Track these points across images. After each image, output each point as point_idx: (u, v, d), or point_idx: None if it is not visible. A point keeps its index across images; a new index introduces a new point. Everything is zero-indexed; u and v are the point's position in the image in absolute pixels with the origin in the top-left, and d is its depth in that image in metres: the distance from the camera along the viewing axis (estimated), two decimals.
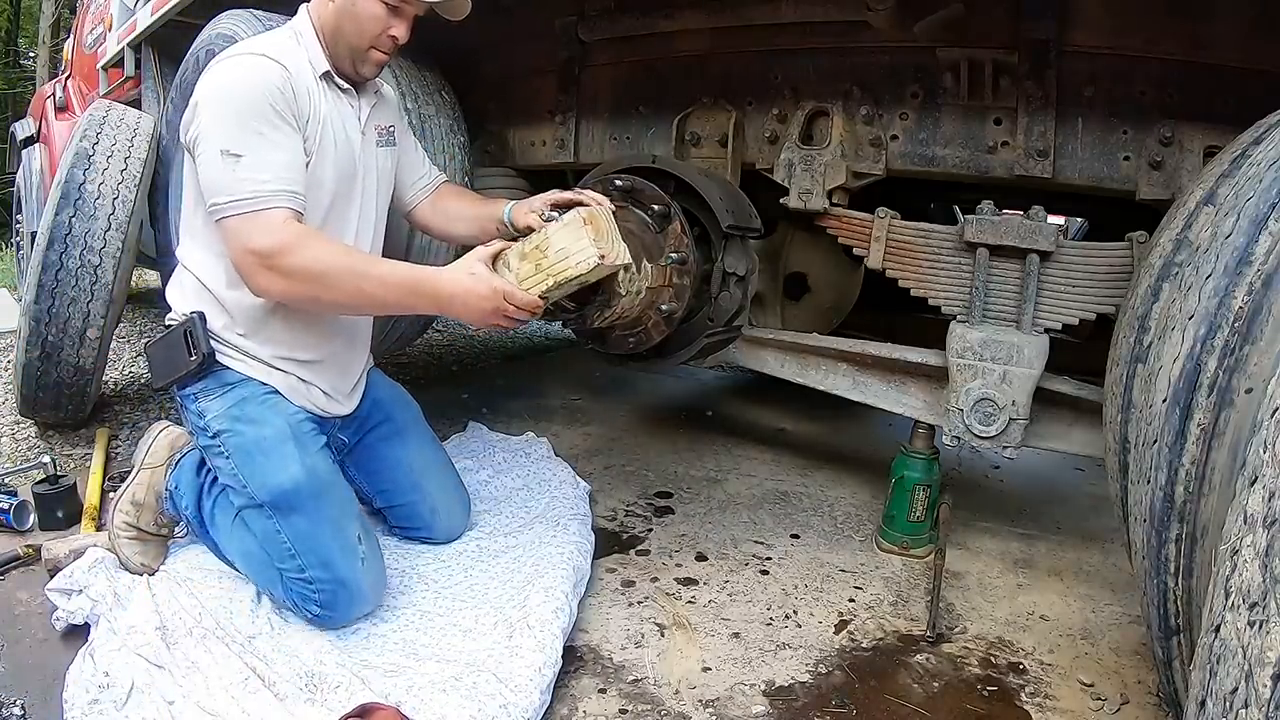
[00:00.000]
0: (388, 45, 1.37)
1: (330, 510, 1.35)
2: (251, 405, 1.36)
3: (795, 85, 1.83)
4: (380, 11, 1.32)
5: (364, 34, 1.34)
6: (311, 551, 1.30)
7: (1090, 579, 1.73)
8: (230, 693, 1.14)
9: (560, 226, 1.28)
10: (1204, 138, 1.43)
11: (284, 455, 1.34)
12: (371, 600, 1.36)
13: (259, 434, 1.35)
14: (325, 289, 1.25)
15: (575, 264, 1.25)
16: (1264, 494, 0.58)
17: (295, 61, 1.30)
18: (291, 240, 1.22)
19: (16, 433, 2.25)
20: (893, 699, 1.28)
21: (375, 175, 1.48)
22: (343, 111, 1.39)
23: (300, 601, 1.31)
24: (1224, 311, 0.81)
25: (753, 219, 1.79)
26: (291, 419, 1.38)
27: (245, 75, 1.24)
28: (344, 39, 1.35)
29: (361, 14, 1.32)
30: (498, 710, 1.11)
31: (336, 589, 1.29)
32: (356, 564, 1.32)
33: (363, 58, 1.37)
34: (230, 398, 1.36)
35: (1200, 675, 0.62)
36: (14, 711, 1.10)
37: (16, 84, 13.01)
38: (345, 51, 1.36)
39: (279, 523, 1.32)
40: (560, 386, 3.06)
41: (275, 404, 1.39)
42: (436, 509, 1.62)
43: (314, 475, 1.35)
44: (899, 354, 1.74)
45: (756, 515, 1.96)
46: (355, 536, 1.35)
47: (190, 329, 1.35)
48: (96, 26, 3.66)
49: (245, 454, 1.34)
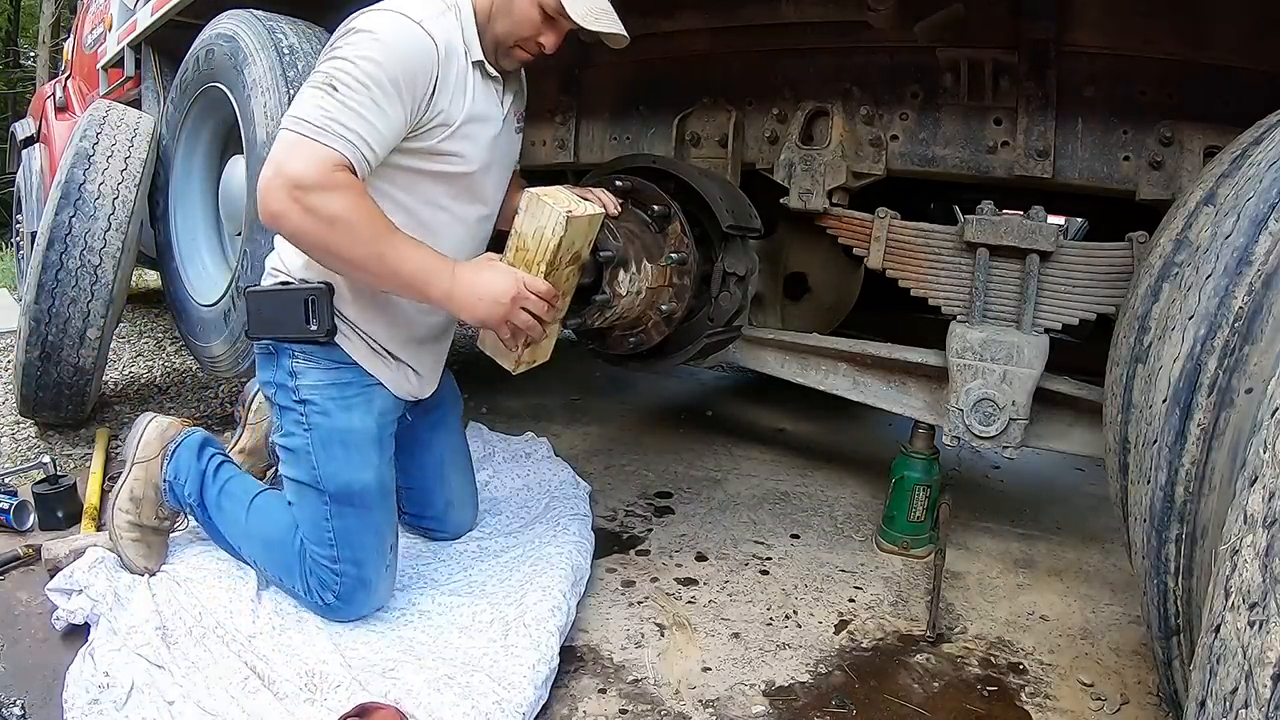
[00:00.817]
0: (534, 49, 1.33)
1: (379, 517, 1.36)
2: (352, 391, 1.35)
3: (795, 85, 1.83)
4: (536, 16, 1.28)
5: (513, 33, 1.30)
6: (349, 547, 1.32)
7: (1090, 579, 1.73)
8: (230, 693, 1.14)
9: (522, 214, 1.27)
10: (1204, 138, 1.43)
11: (364, 457, 1.34)
12: (382, 602, 1.39)
13: (348, 424, 1.34)
14: (342, 240, 1.16)
15: (550, 231, 1.25)
16: (1264, 494, 0.58)
17: (449, 44, 1.23)
18: (332, 181, 1.13)
19: (16, 433, 2.25)
20: (893, 699, 1.28)
21: (507, 162, 1.45)
22: (489, 100, 1.34)
23: (317, 588, 1.32)
24: (1224, 311, 0.81)
25: (753, 219, 1.79)
26: (381, 418, 1.38)
27: (397, 37, 1.16)
28: (493, 30, 1.30)
29: (517, 13, 1.28)
30: (491, 707, 1.11)
31: (358, 587, 1.32)
32: (383, 570, 1.36)
33: (506, 53, 1.33)
34: (334, 375, 1.34)
35: (1200, 675, 0.62)
36: (14, 711, 1.10)
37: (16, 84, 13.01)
38: (491, 42, 1.32)
39: (331, 511, 1.33)
40: (560, 386, 3.06)
41: (373, 398, 1.37)
42: (452, 502, 1.64)
43: (382, 484, 1.37)
44: (899, 354, 1.74)
45: (756, 515, 1.96)
46: (389, 546, 1.38)
47: (315, 298, 1.30)
48: (96, 26, 3.66)
49: (326, 437, 1.33)
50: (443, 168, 1.29)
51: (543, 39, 1.31)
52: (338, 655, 1.22)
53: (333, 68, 1.15)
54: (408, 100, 1.18)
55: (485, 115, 1.33)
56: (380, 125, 1.16)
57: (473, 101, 1.29)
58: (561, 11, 1.26)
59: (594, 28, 1.28)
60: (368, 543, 1.33)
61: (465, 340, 3.95)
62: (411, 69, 1.17)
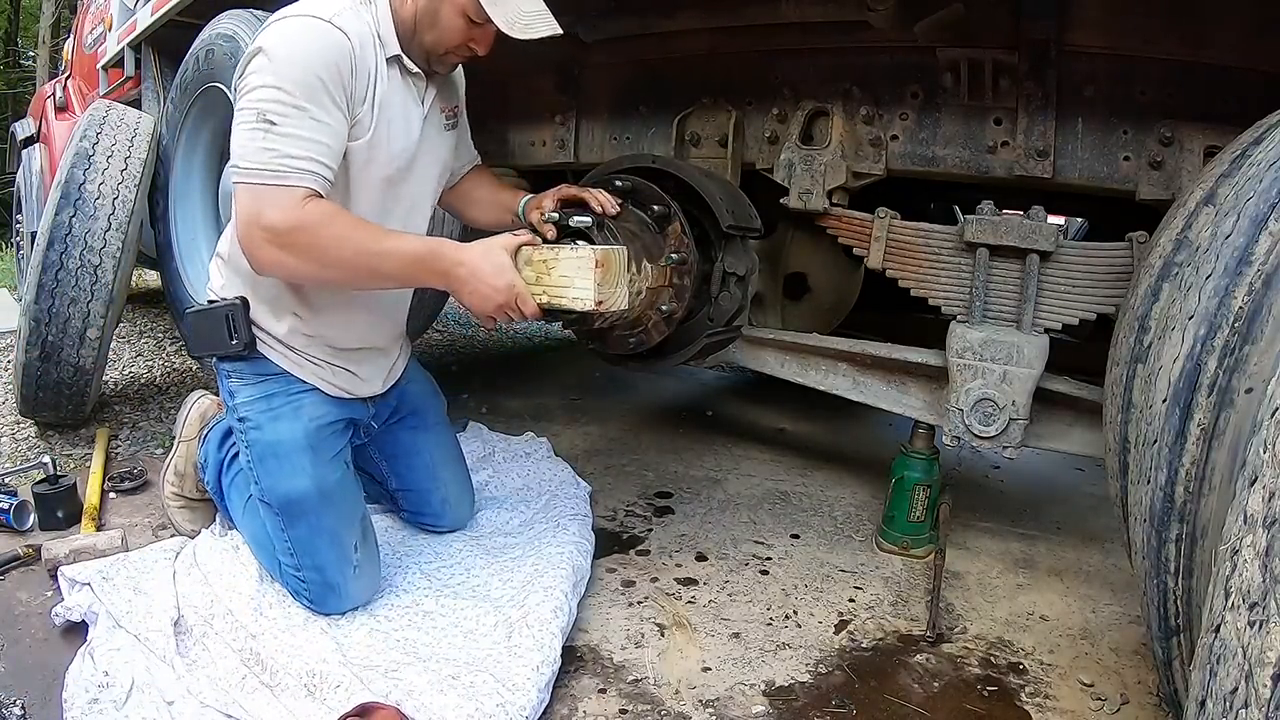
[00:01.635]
0: (466, 55, 1.34)
1: (330, 521, 1.36)
2: (279, 401, 1.37)
3: (795, 85, 1.83)
4: (462, 25, 1.28)
5: (441, 43, 1.30)
6: (308, 555, 1.34)
7: (1090, 579, 1.73)
8: (230, 693, 1.14)
9: (573, 255, 1.26)
10: (1204, 138, 1.43)
11: (296, 465, 1.35)
12: (359, 602, 1.39)
13: (277, 436, 1.36)
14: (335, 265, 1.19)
15: (571, 297, 1.26)
16: (1264, 494, 0.58)
17: (361, 36, 1.22)
18: (308, 220, 1.16)
19: (16, 433, 2.24)
20: (893, 699, 1.28)
21: (433, 158, 1.44)
22: (406, 96, 1.33)
23: (293, 593, 1.37)
24: (1224, 311, 0.80)
25: (753, 219, 1.79)
26: (313, 424, 1.38)
27: (306, 41, 1.16)
28: (421, 40, 1.30)
29: (443, 23, 1.28)
30: (494, 709, 1.11)
31: (325, 591, 1.34)
32: (349, 571, 1.36)
33: (439, 60, 1.34)
34: (261, 388, 1.37)
35: (1200, 675, 0.62)
36: (14, 711, 1.10)
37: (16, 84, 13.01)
38: (421, 51, 1.32)
39: (282, 522, 1.36)
40: (560, 386, 3.06)
41: (303, 405, 1.39)
42: (448, 500, 1.67)
43: (321, 488, 1.36)
44: (899, 354, 1.74)
45: (756, 515, 1.96)
46: (352, 546, 1.37)
47: (231, 313, 1.34)
48: (96, 26, 3.66)
49: (261, 452, 1.36)
50: (356, 163, 1.28)
51: (473, 44, 1.31)
52: (339, 655, 1.22)
53: (260, 100, 1.15)
54: (340, 98, 1.19)
55: (401, 112, 1.32)
56: (325, 138, 1.18)
57: (386, 98, 1.28)
58: (487, 20, 1.25)
59: (521, 36, 1.25)
60: (323, 548, 1.33)
61: (466, 340, 3.95)
62: (331, 68, 1.17)
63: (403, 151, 1.34)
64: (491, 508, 1.80)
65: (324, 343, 1.40)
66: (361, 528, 1.42)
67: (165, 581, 1.35)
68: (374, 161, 1.30)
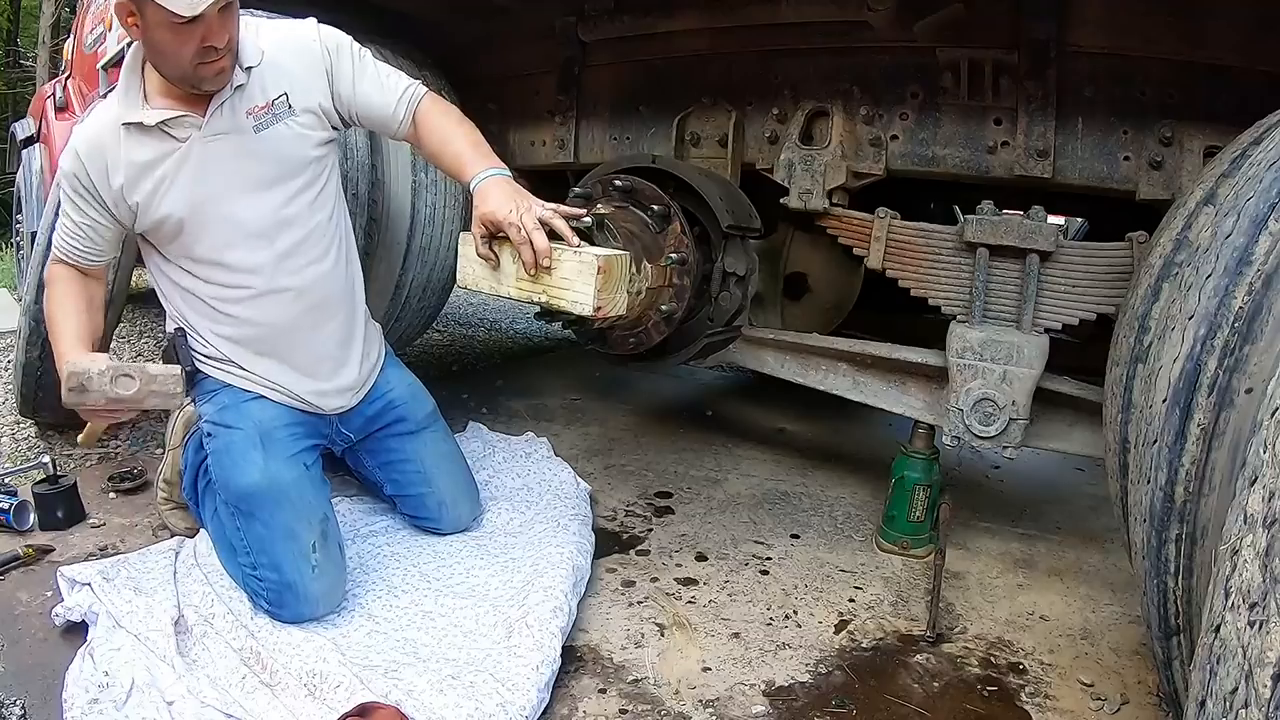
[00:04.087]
0: (213, 55, 1.26)
1: (284, 518, 1.36)
2: (231, 410, 1.45)
3: (795, 85, 1.83)
4: (174, 38, 1.21)
5: (180, 61, 1.25)
6: (264, 553, 1.34)
7: (1090, 579, 1.73)
8: (230, 693, 1.14)
9: (575, 259, 1.25)
10: (1204, 138, 1.43)
11: (247, 460, 1.39)
12: (322, 606, 1.35)
13: (230, 437, 1.42)
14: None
15: (570, 301, 1.25)
16: (1264, 494, 0.58)
17: (94, 131, 1.34)
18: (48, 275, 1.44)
19: (16, 433, 2.25)
20: (893, 699, 1.28)
21: (247, 172, 1.38)
22: (163, 146, 1.33)
23: (253, 595, 1.36)
24: (1224, 311, 0.80)
25: (753, 219, 1.79)
26: (266, 423, 1.44)
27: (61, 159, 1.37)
28: (167, 71, 1.29)
29: (162, 47, 1.24)
30: (495, 709, 1.11)
31: (283, 591, 1.32)
32: (307, 571, 1.33)
33: (196, 79, 1.28)
34: (215, 400, 1.46)
35: (1200, 675, 0.62)
36: (14, 711, 1.10)
37: (16, 84, 13.01)
38: (181, 81, 1.30)
39: (240, 521, 1.38)
40: (560, 386, 3.06)
41: (251, 408, 1.45)
42: (444, 502, 1.66)
43: (273, 483, 1.38)
44: (899, 354, 1.74)
45: (756, 515, 1.96)
46: (310, 545, 1.35)
47: (175, 343, 1.47)
48: (96, 26, 3.66)
49: (217, 456, 1.42)
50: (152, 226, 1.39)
51: (207, 42, 1.23)
52: (338, 654, 1.22)
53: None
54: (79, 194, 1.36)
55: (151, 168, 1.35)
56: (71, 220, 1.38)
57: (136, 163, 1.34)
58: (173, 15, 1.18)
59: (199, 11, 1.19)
60: (277, 543, 1.34)
61: (466, 340, 3.95)
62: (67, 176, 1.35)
63: (189, 189, 1.36)
64: (491, 508, 1.79)
65: (244, 350, 1.46)
66: (321, 529, 1.39)
67: (166, 581, 1.36)
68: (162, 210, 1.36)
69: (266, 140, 1.39)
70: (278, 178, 1.42)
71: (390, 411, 1.64)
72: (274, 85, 1.40)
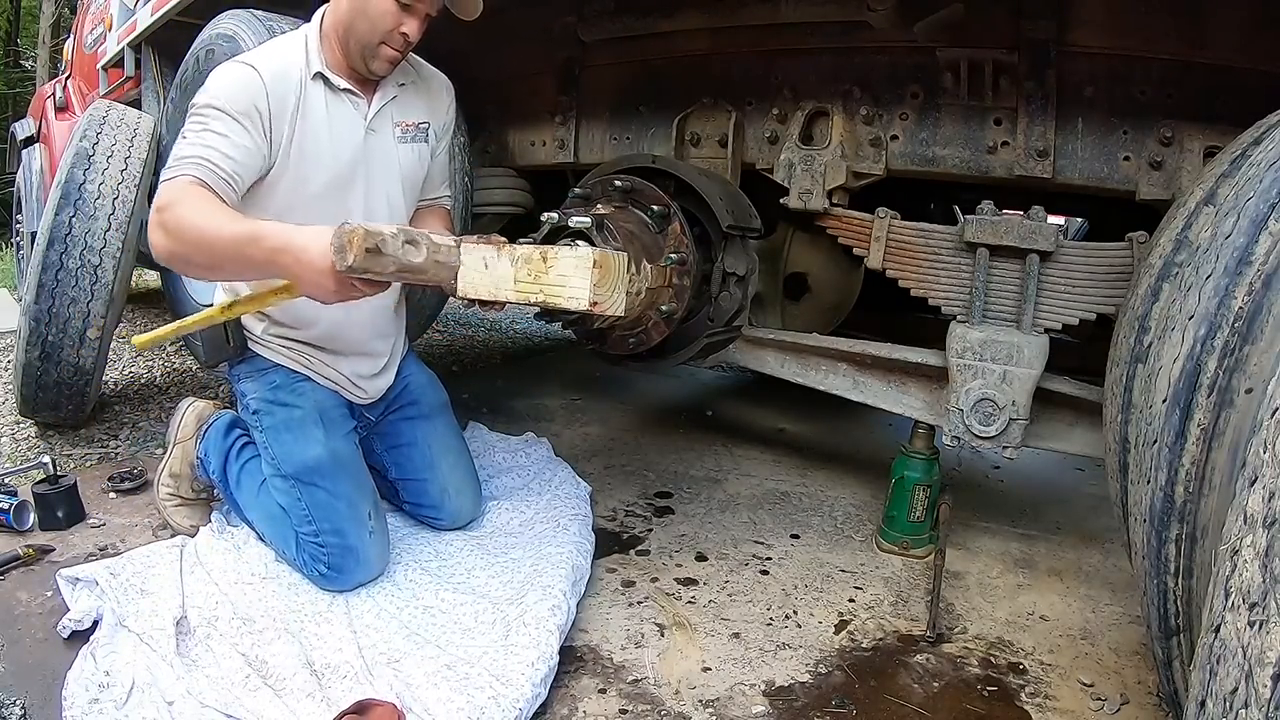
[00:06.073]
0: (398, 42, 1.40)
1: (346, 486, 1.48)
2: (284, 390, 1.53)
3: (795, 85, 1.83)
4: (392, 8, 1.36)
5: (375, 30, 1.38)
6: (327, 519, 1.43)
7: (1090, 579, 1.73)
8: (232, 692, 1.14)
9: (570, 255, 1.25)
10: (1204, 138, 1.43)
11: (310, 435, 1.49)
12: (375, 568, 1.46)
13: (288, 415, 1.50)
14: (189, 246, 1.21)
15: (567, 297, 1.25)
16: (1264, 494, 0.58)
17: (281, 65, 1.37)
18: (174, 195, 1.23)
19: (16, 433, 2.25)
20: (893, 699, 1.28)
21: (385, 167, 1.52)
22: (338, 109, 1.44)
23: (310, 561, 1.43)
24: (1224, 311, 0.80)
25: (753, 219, 1.79)
26: (321, 403, 1.53)
27: (218, 81, 1.33)
28: (356, 35, 1.39)
29: (373, 11, 1.37)
30: (487, 701, 1.12)
31: (345, 554, 1.41)
32: (365, 534, 1.45)
33: (373, 53, 1.41)
34: (265, 381, 1.54)
35: (1200, 675, 0.62)
36: (14, 711, 1.10)
37: (16, 84, 13.01)
38: (357, 48, 1.41)
39: (300, 491, 1.46)
40: (560, 386, 3.06)
41: (305, 388, 1.54)
42: (447, 489, 1.69)
43: (335, 455, 1.49)
44: (899, 354, 1.74)
45: (756, 515, 1.96)
46: (367, 513, 1.48)
47: (225, 322, 1.48)
48: (96, 26, 3.66)
49: (276, 432, 1.50)
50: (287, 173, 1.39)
51: (404, 28, 1.39)
52: (355, 643, 1.24)
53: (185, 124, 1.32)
54: (241, 116, 1.31)
55: (326, 124, 1.42)
56: (221, 145, 1.29)
57: (311, 113, 1.39)
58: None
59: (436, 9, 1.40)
60: (341, 511, 1.44)
61: (466, 340, 3.95)
62: (233, 95, 1.31)
63: (334, 160, 1.43)
64: (492, 508, 1.79)
65: (297, 339, 1.54)
66: (373, 500, 1.52)
67: (171, 580, 1.36)
68: (304, 168, 1.40)
69: (405, 154, 1.55)
70: (400, 188, 1.56)
71: (405, 394, 1.71)
72: (418, 111, 1.57)
